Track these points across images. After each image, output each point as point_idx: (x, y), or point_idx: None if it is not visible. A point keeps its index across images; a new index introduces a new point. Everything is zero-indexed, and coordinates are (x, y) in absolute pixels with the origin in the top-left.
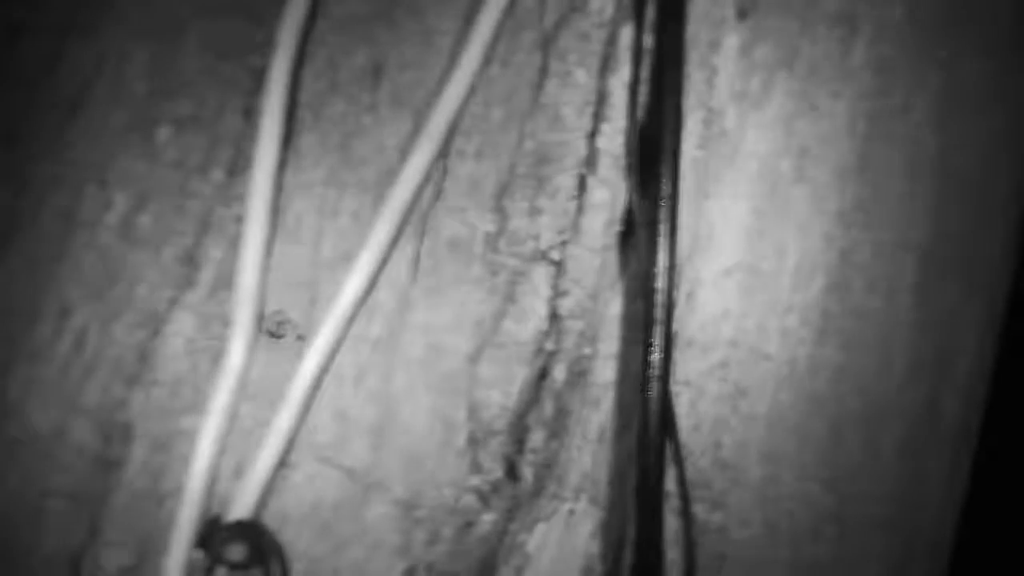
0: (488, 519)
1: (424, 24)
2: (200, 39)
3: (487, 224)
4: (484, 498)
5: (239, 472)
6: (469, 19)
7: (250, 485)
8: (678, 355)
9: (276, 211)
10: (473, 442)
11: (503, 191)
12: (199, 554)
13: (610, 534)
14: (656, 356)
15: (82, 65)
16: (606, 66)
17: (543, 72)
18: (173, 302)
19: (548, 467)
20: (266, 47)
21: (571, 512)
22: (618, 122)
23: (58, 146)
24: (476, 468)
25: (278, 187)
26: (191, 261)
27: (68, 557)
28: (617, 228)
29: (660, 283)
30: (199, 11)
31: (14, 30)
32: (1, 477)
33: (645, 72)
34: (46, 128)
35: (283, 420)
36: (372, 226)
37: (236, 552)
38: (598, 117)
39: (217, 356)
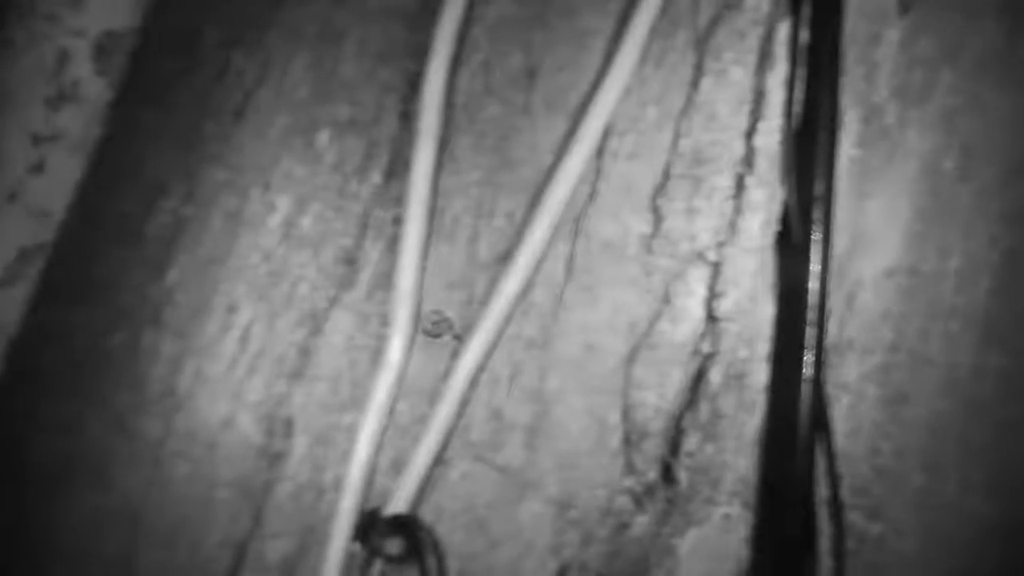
0: (642, 521)
1: (578, 26)
2: (358, 45)
3: (642, 225)
4: (638, 500)
5: (396, 467)
6: (623, 20)
7: (408, 480)
8: (836, 358)
9: (433, 212)
10: (627, 443)
11: (658, 191)
12: (357, 546)
13: (764, 540)
14: (809, 358)
15: (247, 74)
16: (763, 63)
17: (698, 71)
18: (333, 301)
19: (703, 470)
20: (422, 52)
21: (725, 516)
22: (775, 120)
23: (226, 151)
24: (630, 469)
25: (435, 189)
26: (350, 261)
27: (234, 544)
28: (774, 228)
29: (814, 284)
30: (357, 18)
31: (191, 45)
32: (173, 467)
33: (802, 69)
34: (215, 134)
35: (439, 417)
36: (527, 226)
37: (394, 546)
38: (755, 115)
39: (375, 354)
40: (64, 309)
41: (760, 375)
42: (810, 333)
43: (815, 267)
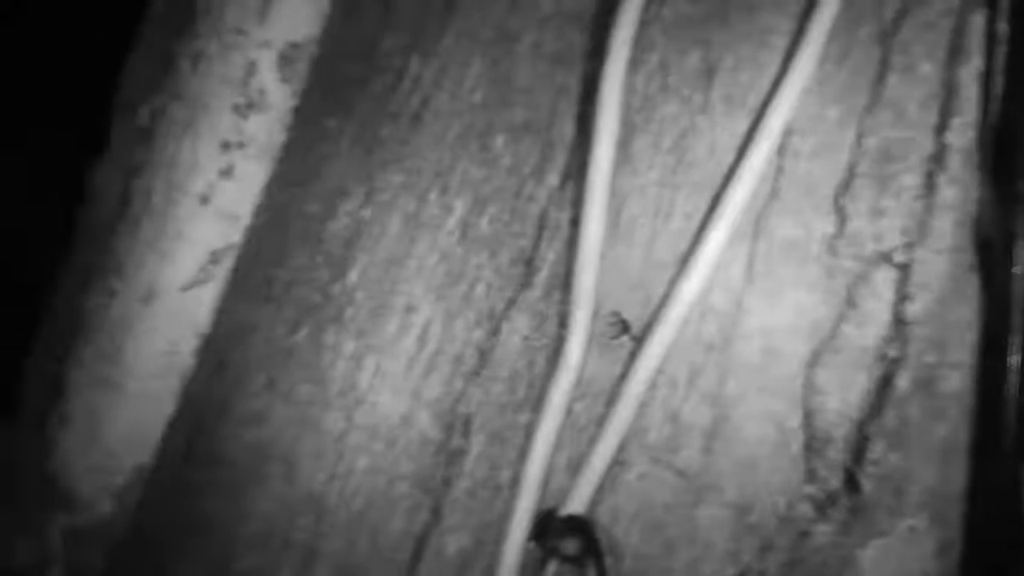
0: (823, 530)
1: (758, 23)
2: (533, 49)
3: (825, 225)
4: (820, 508)
5: (573, 467)
6: (804, 16)
7: (584, 481)
8: None
9: (610, 213)
10: (809, 449)
11: (841, 191)
12: (533, 545)
13: (956, 557)
14: (1015, 365)
15: (424, 80)
16: (954, 57)
17: (883, 66)
18: (511, 302)
19: (888, 480)
20: (597, 53)
21: (911, 529)
22: (969, 115)
23: (404, 155)
24: (811, 477)
25: (612, 190)
26: (527, 262)
27: (414, 536)
28: (969, 229)
29: (1018, 287)
30: (531, 22)
31: (369, 52)
32: (354, 460)
33: (999, 61)
34: (393, 138)
35: (617, 419)
36: (706, 227)
37: (570, 546)
38: (946, 111)
39: (552, 354)
40: (251, 307)
41: (951, 381)
42: (1015, 338)
43: (1018, 269)
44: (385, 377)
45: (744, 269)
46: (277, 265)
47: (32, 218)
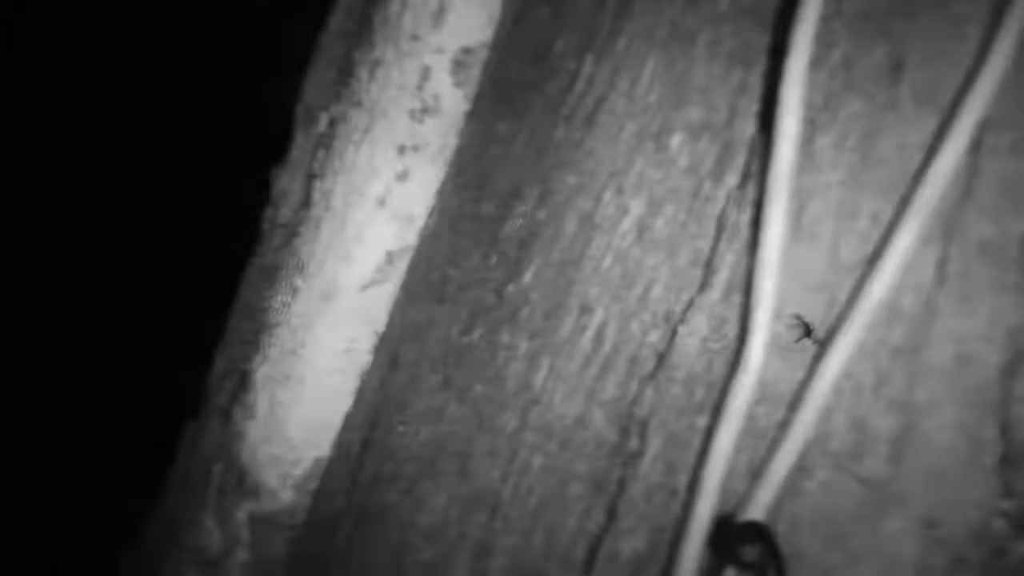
0: (1021, 549)
1: (949, 14)
2: (709, 47)
3: None
4: (1018, 525)
5: (752, 473)
6: (999, 4)
7: (765, 487)
8: None
9: (792, 214)
10: (1005, 463)
11: None
12: (710, 550)
13: None
14: None
15: (598, 81)
16: None
17: None
18: (688, 303)
19: None
20: (777, 50)
21: None
22: None
23: (578, 156)
24: (1008, 491)
25: (793, 190)
26: (705, 264)
27: (587, 538)
28: None
29: None
30: (708, 20)
31: (542, 55)
32: (529, 460)
33: None
34: (567, 140)
35: (799, 424)
36: (894, 228)
37: (749, 553)
38: None
39: (731, 357)
40: (426, 306)
41: None
42: None
43: None
44: (560, 377)
45: (935, 271)
46: (451, 266)
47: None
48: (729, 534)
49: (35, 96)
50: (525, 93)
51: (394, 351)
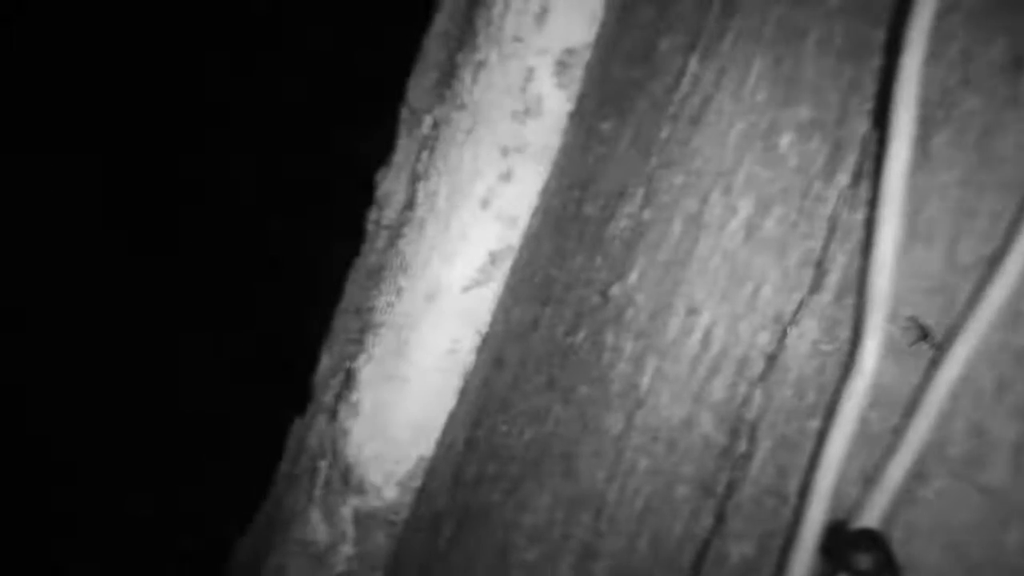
0: None
1: None
2: (819, 45)
3: None
4: None
5: (866, 478)
6: None
7: (879, 494)
8: None
9: (907, 214)
10: None
11: None
12: (822, 557)
13: None
14: None
15: (704, 80)
16: None
17: None
18: (799, 305)
19: None
20: (891, 46)
21: None
22: None
23: (684, 156)
24: None
25: (908, 189)
26: (817, 265)
27: (695, 540)
28: None
29: None
30: (817, 16)
31: (646, 54)
32: (634, 461)
33: None
34: (672, 140)
35: (916, 430)
36: (1016, 228)
37: (863, 561)
38: None
39: (843, 360)
40: (529, 307)
41: None
42: None
43: None
44: (666, 379)
45: None
46: (555, 266)
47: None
48: (842, 541)
49: (35, 96)
50: (629, 93)
51: (497, 351)
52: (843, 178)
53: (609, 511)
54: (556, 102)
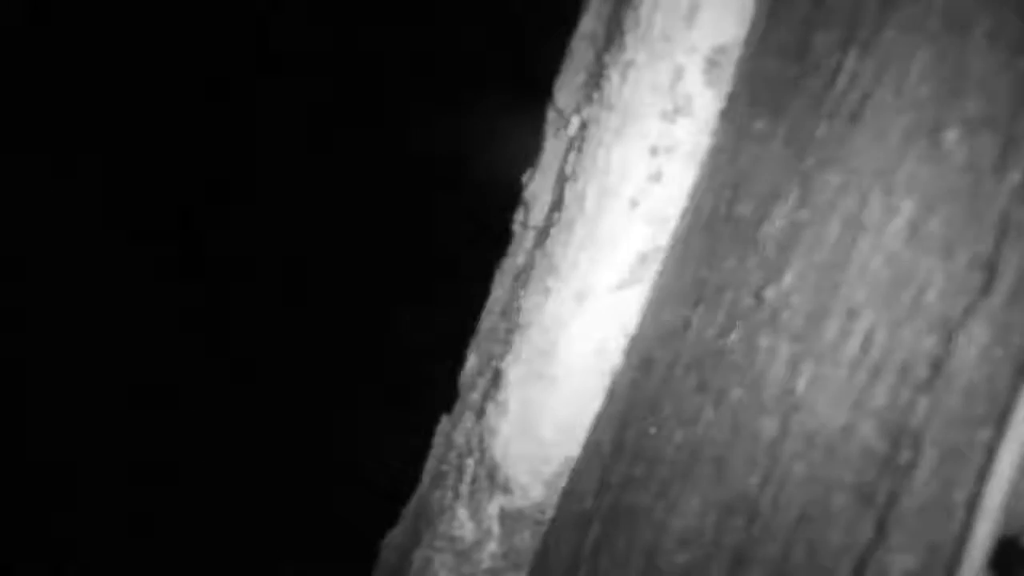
0: None
1: None
2: (988, 37)
3: None
4: None
5: None
6: None
7: None
8: None
9: None
10: None
11: None
12: (991, 573)
13: None
14: None
15: (862, 76)
16: None
17: None
18: (968, 309)
19: None
20: None
21: None
22: None
23: (842, 154)
24: None
25: None
26: (986, 266)
27: (853, 553)
28: None
29: None
30: (984, 7)
31: (800, 51)
32: (789, 467)
33: None
34: (829, 138)
35: None
36: None
37: None
38: None
39: (1018, 367)
40: (679, 308)
41: None
42: None
43: None
44: (824, 384)
45: None
46: (706, 267)
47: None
48: (1013, 558)
49: (37, 97)
50: (782, 90)
51: (646, 352)
52: (1015, 175)
53: (763, 517)
54: (706, 101)
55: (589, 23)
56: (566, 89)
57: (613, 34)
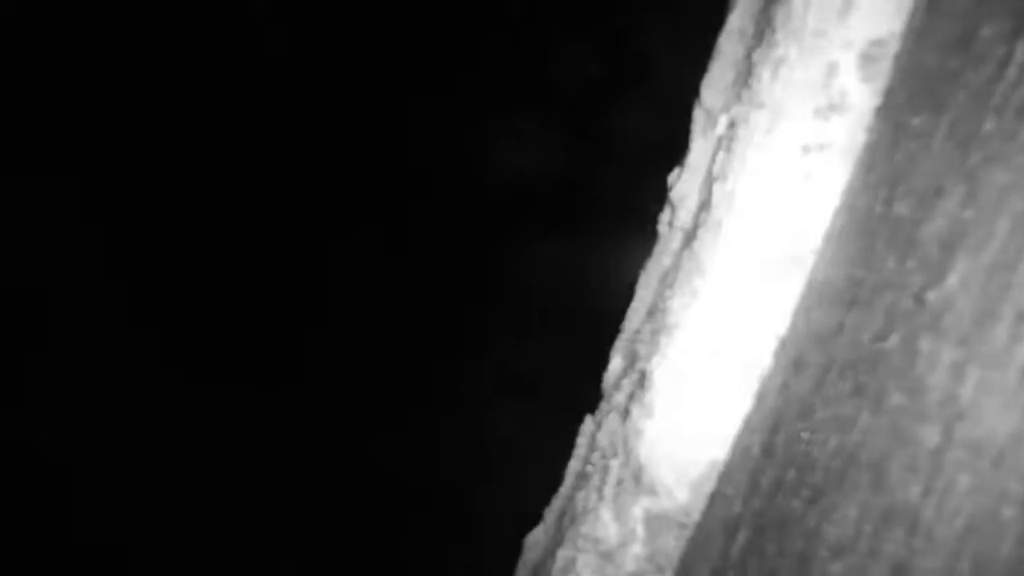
0: None
1: None
2: None
3: None
4: None
5: None
6: None
7: None
8: None
9: None
10: None
11: None
12: None
13: None
14: None
15: None
16: None
17: None
18: None
19: None
20: None
21: None
22: None
23: (1010, 151)
24: None
25: None
26: None
27: None
28: None
29: None
30: None
31: (964, 42)
32: (953, 477)
33: None
34: (996, 133)
35: None
36: None
37: None
38: None
39: None
40: (832, 310)
41: None
42: None
43: None
44: (991, 390)
45: None
46: (862, 268)
47: None
48: None
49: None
50: (944, 84)
51: (797, 354)
52: None
53: (925, 528)
54: (861, 97)
55: (737, 20)
56: (714, 88)
57: (763, 30)
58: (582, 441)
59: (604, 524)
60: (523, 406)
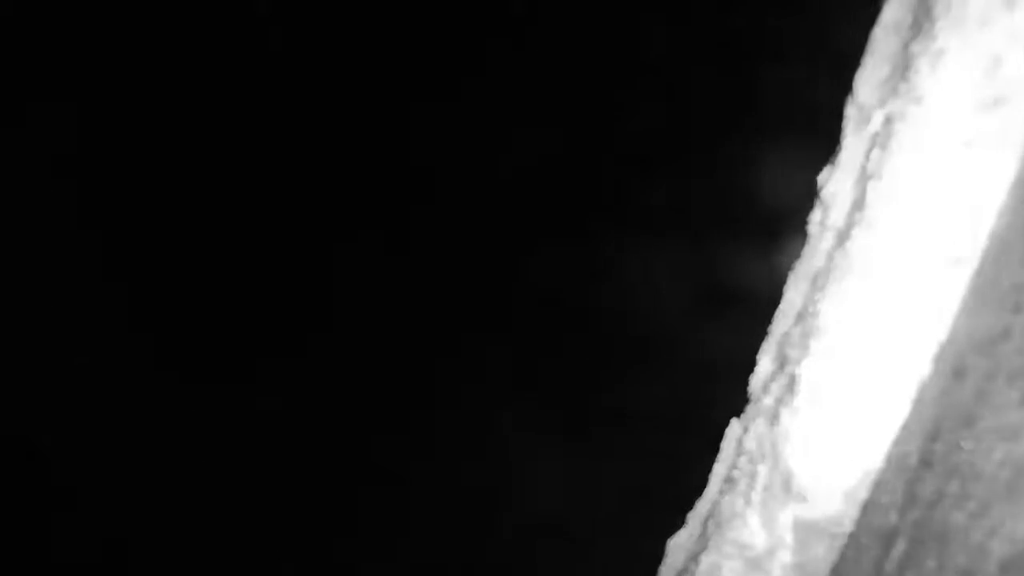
0: None
1: None
2: None
3: None
4: None
5: None
6: None
7: None
8: None
9: None
10: None
11: None
12: None
13: None
14: None
15: None
16: None
17: None
18: None
19: None
20: None
21: None
22: None
23: None
24: None
25: None
26: None
27: None
28: None
29: None
30: None
31: None
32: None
33: None
34: None
35: None
36: None
37: None
38: None
39: None
40: (997, 315)
41: None
42: None
43: None
44: None
45: None
46: None
47: None
48: None
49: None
50: None
51: (958, 361)
52: None
53: None
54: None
55: (894, 11)
56: (868, 83)
57: (921, 22)
58: (728, 445)
59: (751, 530)
60: (523, 406)
